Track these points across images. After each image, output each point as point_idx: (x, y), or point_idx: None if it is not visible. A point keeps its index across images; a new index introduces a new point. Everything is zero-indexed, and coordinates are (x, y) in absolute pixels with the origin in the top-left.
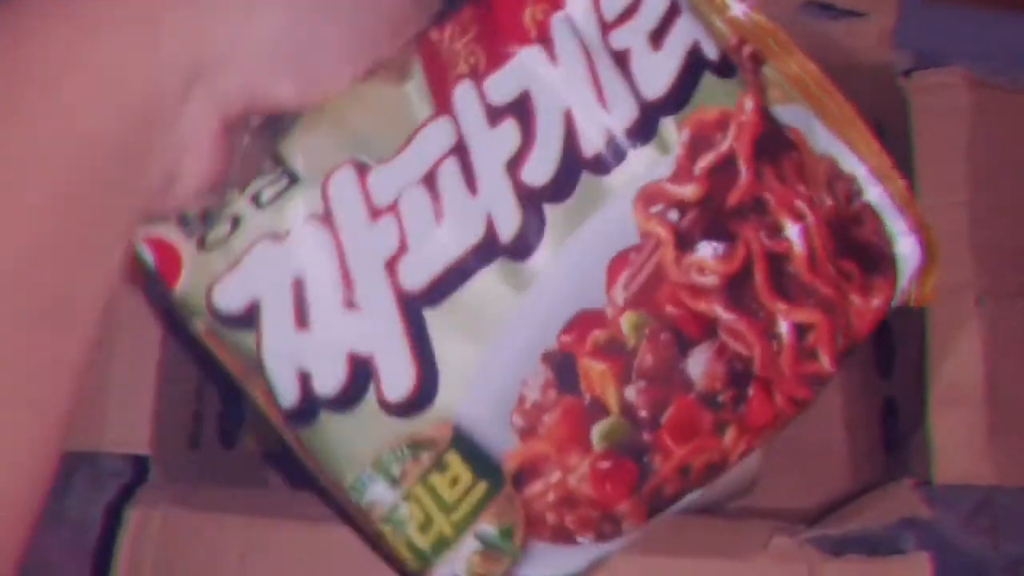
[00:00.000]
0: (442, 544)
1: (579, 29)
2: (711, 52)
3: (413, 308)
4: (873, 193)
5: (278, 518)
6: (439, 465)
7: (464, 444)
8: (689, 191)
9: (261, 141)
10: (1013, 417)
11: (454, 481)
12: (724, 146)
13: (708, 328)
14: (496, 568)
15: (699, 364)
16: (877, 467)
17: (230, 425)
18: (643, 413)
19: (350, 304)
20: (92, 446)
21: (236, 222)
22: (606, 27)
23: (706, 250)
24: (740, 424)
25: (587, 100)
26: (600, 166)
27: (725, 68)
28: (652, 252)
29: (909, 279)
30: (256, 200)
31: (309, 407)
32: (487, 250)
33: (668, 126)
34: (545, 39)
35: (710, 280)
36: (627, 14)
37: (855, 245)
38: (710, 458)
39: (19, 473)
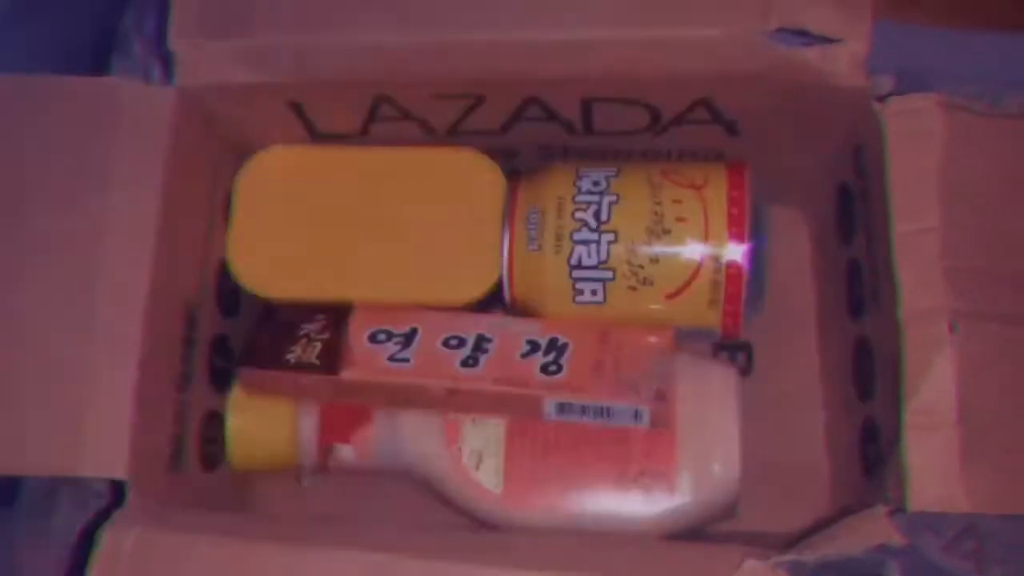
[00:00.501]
0: None
1: None
2: None
3: None
4: None
5: (256, 540)
6: None
7: None
8: None
9: None
10: (988, 443)
11: None
12: None
13: None
14: None
15: None
16: (858, 490)
17: (212, 447)
18: None
19: None
20: (69, 470)
21: None
22: None
23: None
24: None
25: None
26: None
27: None
28: None
29: None
30: None
31: None
32: None
33: None
34: None
35: None
36: None
37: None
38: None
39: None
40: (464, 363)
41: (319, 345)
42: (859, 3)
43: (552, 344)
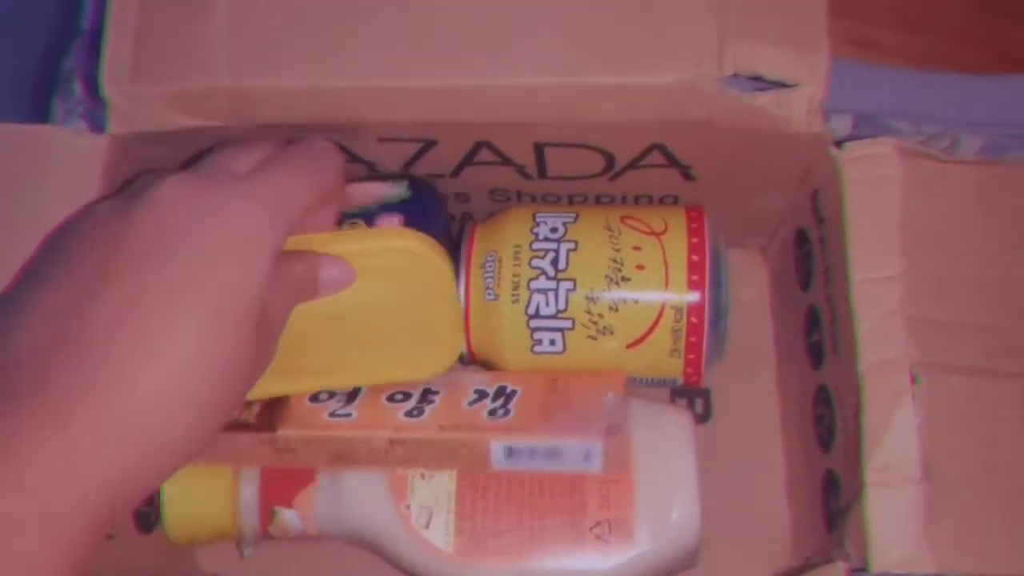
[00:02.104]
0: None
1: None
2: None
3: None
4: None
5: None
6: None
7: None
8: None
9: None
10: (953, 501)
11: None
12: None
13: None
14: None
15: None
16: (820, 541)
17: (147, 508)
18: None
19: None
20: None
21: None
22: None
23: None
24: None
25: None
26: None
27: None
28: None
29: None
30: None
31: None
32: None
33: None
34: None
35: None
36: None
37: None
38: None
39: None
40: (408, 413)
41: (257, 407)
42: (816, 47)
43: (500, 391)
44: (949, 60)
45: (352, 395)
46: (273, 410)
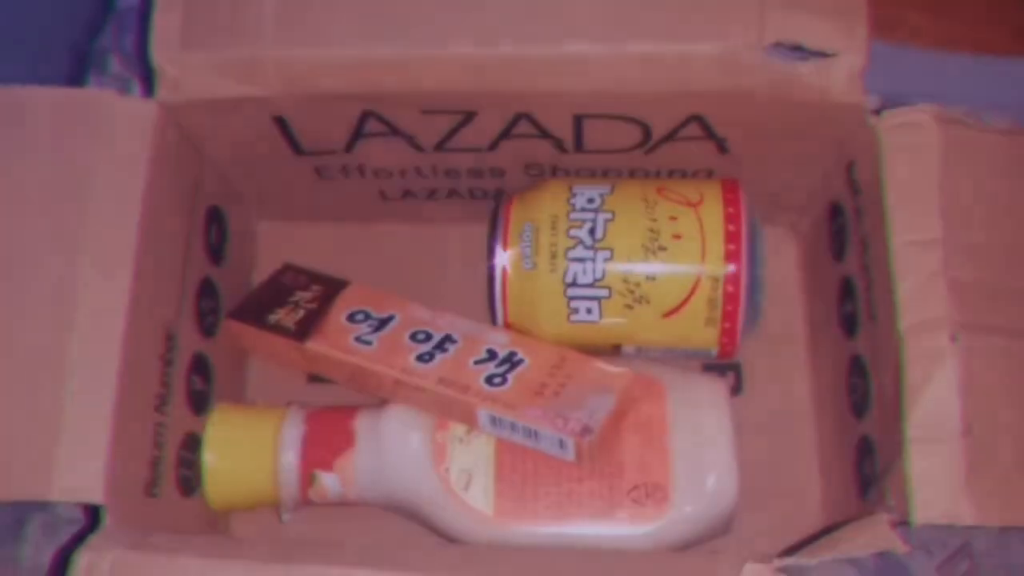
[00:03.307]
0: None
1: None
2: None
3: None
4: None
5: (233, 559)
6: None
7: None
8: None
9: None
10: (991, 455)
11: None
12: None
13: None
14: None
15: None
16: (853, 510)
17: (189, 471)
18: None
19: None
20: (41, 495)
21: None
22: None
23: None
24: None
25: None
26: None
27: None
28: None
29: None
30: None
31: None
32: None
33: None
34: None
35: None
36: None
37: None
38: None
39: None
40: (420, 358)
41: (302, 313)
42: (855, 16)
43: (508, 358)
44: (974, 42)
45: (383, 323)
46: (311, 322)
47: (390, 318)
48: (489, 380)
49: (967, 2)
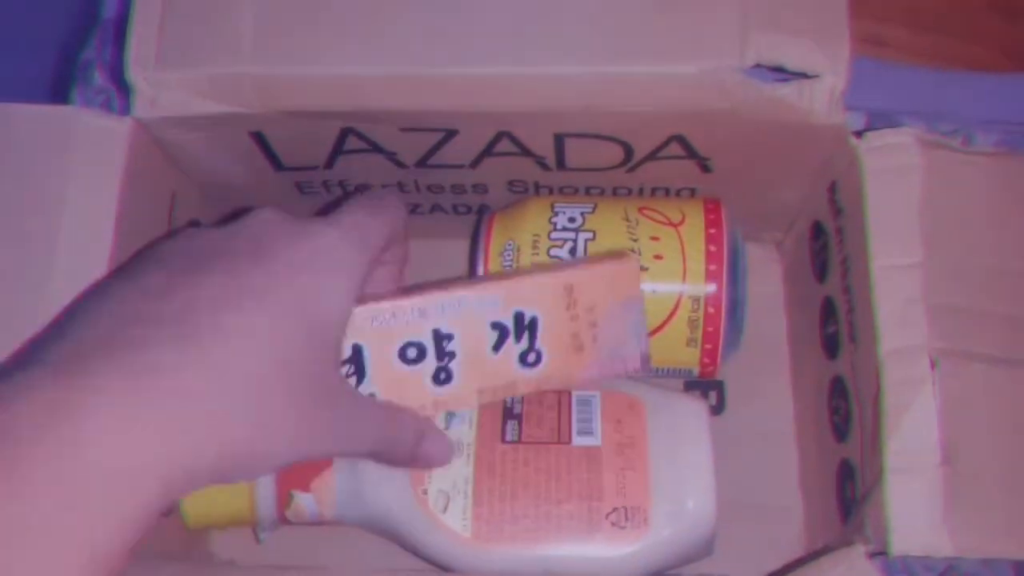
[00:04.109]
0: None
1: None
2: None
3: None
4: None
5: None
6: None
7: None
8: None
9: None
10: (971, 484)
11: None
12: None
13: None
14: None
15: None
16: (834, 533)
17: None
18: None
19: None
20: None
21: None
22: None
23: None
24: None
25: None
26: None
27: None
28: None
29: None
30: None
31: None
32: None
33: None
34: None
35: None
36: None
37: None
38: None
39: None
40: (436, 379)
41: None
42: (837, 37)
43: (519, 322)
44: (961, 58)
45: (357, 360)
46: None
47: (357, 351)
48: (523, 361)
49: (954, 18)
